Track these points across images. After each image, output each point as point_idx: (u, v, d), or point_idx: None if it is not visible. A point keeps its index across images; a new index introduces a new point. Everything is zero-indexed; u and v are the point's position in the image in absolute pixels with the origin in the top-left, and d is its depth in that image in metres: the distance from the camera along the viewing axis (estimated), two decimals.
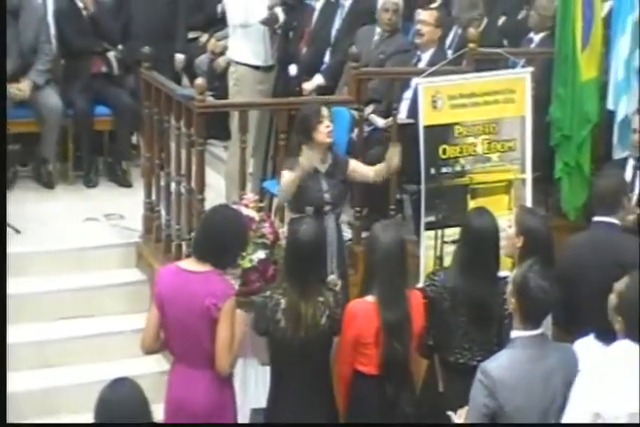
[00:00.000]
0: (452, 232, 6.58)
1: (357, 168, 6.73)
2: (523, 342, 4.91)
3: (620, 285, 4.81)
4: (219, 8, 9.91)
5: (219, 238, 5.36)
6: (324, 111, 6.54)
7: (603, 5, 7.47)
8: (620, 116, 7.20)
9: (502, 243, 5.70)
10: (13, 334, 7.15)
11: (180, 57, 9.74)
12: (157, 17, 9.51)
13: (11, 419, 5.89)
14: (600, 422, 4.61)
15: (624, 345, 4.73)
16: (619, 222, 5.82)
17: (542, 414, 4.78)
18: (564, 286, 5.20)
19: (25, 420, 6.61)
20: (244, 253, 5.99)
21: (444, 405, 5.37)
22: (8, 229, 7.73)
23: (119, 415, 4.32)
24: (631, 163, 6.96)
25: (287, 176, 6.50)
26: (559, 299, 4.99)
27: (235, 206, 6.07)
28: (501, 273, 5.57)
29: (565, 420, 4.74)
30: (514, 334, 4.94)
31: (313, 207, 6.47)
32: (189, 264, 5.45)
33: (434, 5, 8.94)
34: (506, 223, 5.79)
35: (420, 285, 6.12)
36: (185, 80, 9.89)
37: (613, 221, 5.81)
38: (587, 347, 5.01)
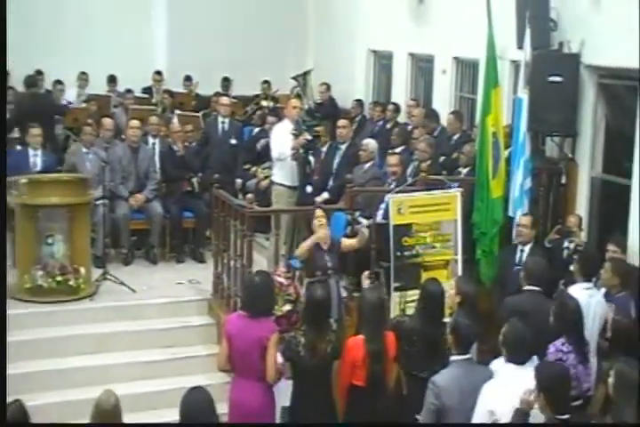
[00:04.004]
0: (412, 293, 6.51)
1: (345, 241, 6.72)
2: (457, 363, 4.87)
3: (504, 328, 4.83)
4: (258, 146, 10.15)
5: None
6: (318, 212, 6.59)
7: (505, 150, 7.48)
8: (516, 220, 7.17)
9: (446, 300, 5.64)
10: (126, 357, 7.13)
11: (238, 181, 9.75)
12: (224, 156, 9.54)
13: None
14: (494, 418, 4.52)
15: (508, 366, 4.75)
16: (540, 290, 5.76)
17: (469, 411, 4.66)
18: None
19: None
20: (277, 306, 5.92)
21: (406, 403, 5.34)
22: (125, 288, 7.69)
23: (194, 413, 4.17)
24: (519, 247, 6.96)
25: (301, 245, 6.59)
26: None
27: (272, 275, 6.01)
28: (445, 319, 5.48)
29: (473, 417, 4.64)
30: (452, 358, 4.90)
31: (320, 272, 6.42)
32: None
33: (398, 150, 8.94)
34: (449, 287, 5.74)
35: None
36: (240, 195, 9.89)
37: (538, 289, 5.73)
38: (498, 366, 4.91)
